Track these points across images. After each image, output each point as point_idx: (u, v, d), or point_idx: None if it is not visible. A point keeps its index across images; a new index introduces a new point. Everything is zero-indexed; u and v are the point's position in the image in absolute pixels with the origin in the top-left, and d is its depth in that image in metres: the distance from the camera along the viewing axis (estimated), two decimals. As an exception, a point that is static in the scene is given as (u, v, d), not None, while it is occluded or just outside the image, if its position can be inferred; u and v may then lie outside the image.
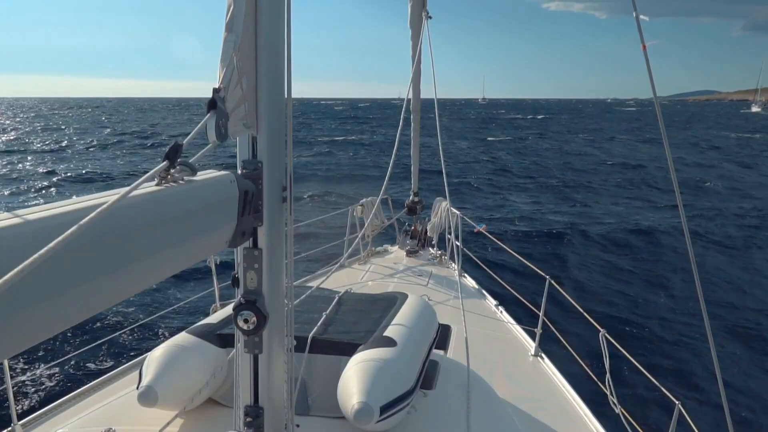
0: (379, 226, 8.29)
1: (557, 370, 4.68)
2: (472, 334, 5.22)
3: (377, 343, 3.26)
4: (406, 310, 3.91)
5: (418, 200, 8.58)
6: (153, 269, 1.55)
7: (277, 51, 2.11)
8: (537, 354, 4.97)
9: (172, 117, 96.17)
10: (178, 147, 1.57)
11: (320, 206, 19.73)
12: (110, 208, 1.20)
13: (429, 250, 8.18)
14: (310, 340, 3.40)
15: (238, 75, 1.95)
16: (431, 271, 7.28)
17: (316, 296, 4.26)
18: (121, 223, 1.34)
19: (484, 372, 4.28)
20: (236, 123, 1.99)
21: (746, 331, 9.98)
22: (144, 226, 1.45)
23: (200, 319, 3.90)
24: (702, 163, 35.95)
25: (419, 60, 7.21)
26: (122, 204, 1.26)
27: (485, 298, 6.48)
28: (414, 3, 7.13)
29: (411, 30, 7.26)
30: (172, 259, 1.63)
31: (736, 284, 12.43)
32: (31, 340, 1.15)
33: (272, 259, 2.22)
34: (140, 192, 1.44)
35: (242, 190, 1.95)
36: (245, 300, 2.18)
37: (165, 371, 3.06)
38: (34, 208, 1.20)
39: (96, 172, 29.44)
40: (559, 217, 18.52)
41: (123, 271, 1.38)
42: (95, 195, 1.42)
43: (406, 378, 3.11)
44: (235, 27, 1.94)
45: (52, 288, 1.14)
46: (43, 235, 1.08)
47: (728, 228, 17.61)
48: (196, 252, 1.78)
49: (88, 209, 1.21)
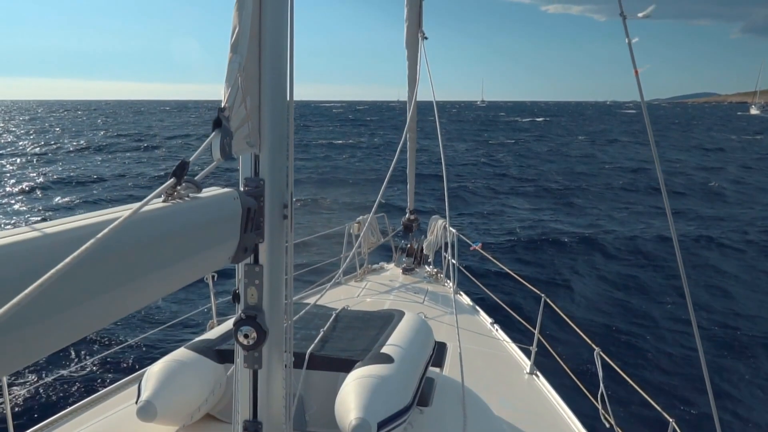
0: (375, 243, 8.32)
1: (552, 388, 4.70)
2: (468, 352, 5.23)
3: (374, 360, 3.28)
4: (403, 327, 3.94)
5: (414, 218, 8.62)
6: (159, 283, 1.58)
7: (280, 72, 2.17)
8: (532, 372, 4.99)
9: (169, 120, 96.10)
10: (185, 164, 1.62)
11: (312, 210, 19.72)
12: (123, 223, 1.24)
13: (425, 267, 8.21)
14: (308, 357, 3.43)
15: (242, 95, 2.00)
16: (427, 288, 7.30)
17: (313, 313, 4.28)
18: (130, 238, 1.38)
19: (479, 389, 4.30)
20: (240, 141, 2.04)
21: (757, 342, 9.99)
22: (151, 241, 1.49)
23: (198, 335, 3.92)
24: (708, 165, 35.80)
25: (416, 80, 7.29)
26: (133, 219, 1.31)
27: (481, 315, 6.50)
28: (410, 24, 7.21)
29: (407, 50, 7.33)
30: (178, 273, 1.67)
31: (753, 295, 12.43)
32: (42, 352, 1.18)
33: (272, 275, 2.26)
34: (148, 208, 1.48)
35: (245, 207, 2.00)
36: (246, 315, 2.21)
37: (164, 386, 3.08)
38: (48, 223, 1.24)
39: (85, 174, 29.40)
40: (561, 225, 18.50)
41: (131, 285, 1.42)
42: (104, 211, 1.46)
43: (403, 395, 3.13)
44: (240, 48, 2.00)
45: (66, 301, 1.17)
46: (58, 249, 1.12)
47: (747, 234, 17.51)
48: (200, 267, 1.82)
49: (101, 224, 1.25)
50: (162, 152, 41.46)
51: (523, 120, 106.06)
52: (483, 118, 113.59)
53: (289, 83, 2.20)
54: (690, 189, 26.67)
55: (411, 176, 8.41)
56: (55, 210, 20.91)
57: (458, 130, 71.02)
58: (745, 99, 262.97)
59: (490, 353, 5.47)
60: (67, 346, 7.91)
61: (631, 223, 18.96)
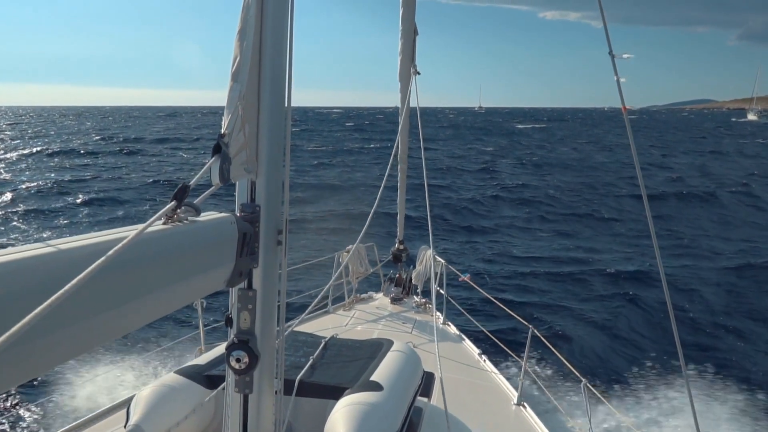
0: (363, 273, 8.34)
1: (539, 420, 4.70)
2: (455, 382, 5.23)
3: (364, 387, 3.28)
4: (392, 356, 3.95)
5: (404, 248, 8.66)
6: (156, 304, 1.61)
7: (278, 101, 2.23)
8: (519, 403, 4.99)
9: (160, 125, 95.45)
10: (185, 188, 1.67)
11: (301, 225, 19.62)
12: (128, 244, 1.28)
13: (413, 297, 8.22)
14: (298, 383, 3.42)
15: (241, 122, 2.06)
16: (415, 318, 7.30)
17: (302, 341, 4.28)
18: (131, 259, 1.41)
19: (466, 420, 4.30)
20: (237, 167, 2.09)
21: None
22: (151, 262, 1.52)
23: (187, 360, 3.90)
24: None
25: (407, 111, 7.41)
26: (135, 241, 1.34)
27: (468, 346, 6.51)
28: (403, 57, 7.37)
29: (400, 83, 7.48)
30: (174, 295, 1.70)
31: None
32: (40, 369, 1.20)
33: (266, 300, 2.29)
34: (149, 230, 1.51)
35: (241, 232, 2.04)
36: (238, 340, 2.23)
37: (153, 411, 3.06)
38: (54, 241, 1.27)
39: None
40: (557, 252, 18.58)
41: (129, 306, 1.45)
42: (103, 232, 1.49)
43: (391, 423, 3.13)
44: (241, 77, 2.06)
45: (66, 319, 1.20)
46: (59, 269, 1.15)
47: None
48: (196, 289, 1.85)
49: (102, 245, 1.28)
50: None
51: (525, 126, 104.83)
52: (480, 124, 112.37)
53: (287, 113, 2.26)
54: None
55: (401, 206, 8.47)
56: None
57: (456, 136, 70.53)
58: (743, 105, 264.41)
59: (478, 383, 5.47)
60: (57, 368, 7.77)
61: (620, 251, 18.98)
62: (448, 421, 3.93)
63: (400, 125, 7.42)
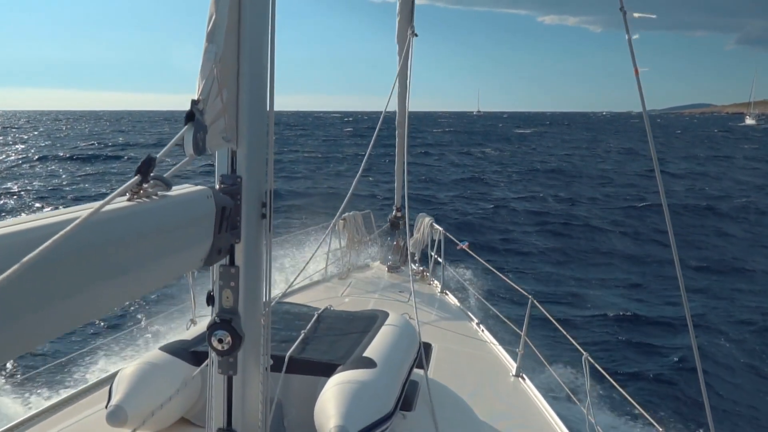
0: (360, 241, 8.22)
1: (538, 391, 4.63)
2: (453, 354, 5.15)
3: (356, 364, 3.19)
4: (387, 329, 3.85)
5: (401, 215, 8.52)
6: (123, 288, 1.47)
7: (260, 63, 2.06)
8: (518, 374, 4.91)
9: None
10: (150, 160, 1.50)
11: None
12: (82, 224, 1.13)
13: (411, 266, 8.12)
14: (288, 360, 3.32)
15: (218, 87, 1.88)
16: (413, 288, 7.22)
17: (294, 313, 4.18)
18: (90, 240, 1.27)
19: (464, 392, 4.23)
20: (215, 136, 1.92)
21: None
22: (114, 242, 1.37)
23: (178, 333, 3.80)
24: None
25: (405, 74, 7.21)
26: (93, 220, 1.19)
27: (467, 316, 6.42)
28: (401, 19, 7.16)
29: (398, 45, 7.29)
30: (143, 277, 1.56)
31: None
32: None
33: (249, 277, 2.15)
34: (111, 207, 1.36)
35: (219, 206, 1.88)
36: (220, 319, 2.10)
37: (136, 390, 2.96)
38: (3, 222, 1.14)
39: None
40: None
41: (92, 290, 1.31)
42: (63, 210, 1.35)
43: (385, 401, 3.04)
44: (217, 37, 1.88)
45: (20, 306, 1.07)
46: (13, 251, 1.02)
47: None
48: (169, 270, 1.71)
49: (58, 225, 1.14)
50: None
51: (527, 131, 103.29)
52: (479, 129, 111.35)
53: (270, 76, 2.09)
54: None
55: (399, 171, 8.30)
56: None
57: (454, 141, 69.87)
58: (741, 110, 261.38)
59: (476, 354, 5.39)
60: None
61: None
62: (449, 394, 3.85)
63: (399, 87, 7.23)
